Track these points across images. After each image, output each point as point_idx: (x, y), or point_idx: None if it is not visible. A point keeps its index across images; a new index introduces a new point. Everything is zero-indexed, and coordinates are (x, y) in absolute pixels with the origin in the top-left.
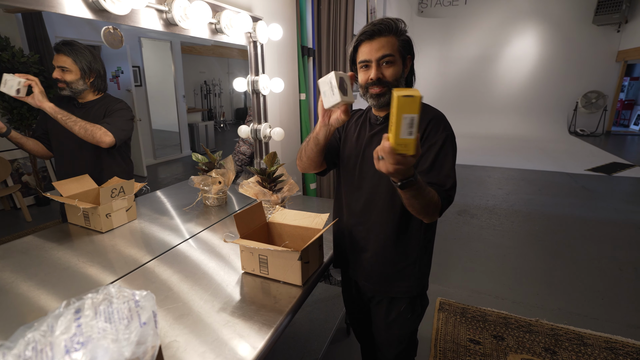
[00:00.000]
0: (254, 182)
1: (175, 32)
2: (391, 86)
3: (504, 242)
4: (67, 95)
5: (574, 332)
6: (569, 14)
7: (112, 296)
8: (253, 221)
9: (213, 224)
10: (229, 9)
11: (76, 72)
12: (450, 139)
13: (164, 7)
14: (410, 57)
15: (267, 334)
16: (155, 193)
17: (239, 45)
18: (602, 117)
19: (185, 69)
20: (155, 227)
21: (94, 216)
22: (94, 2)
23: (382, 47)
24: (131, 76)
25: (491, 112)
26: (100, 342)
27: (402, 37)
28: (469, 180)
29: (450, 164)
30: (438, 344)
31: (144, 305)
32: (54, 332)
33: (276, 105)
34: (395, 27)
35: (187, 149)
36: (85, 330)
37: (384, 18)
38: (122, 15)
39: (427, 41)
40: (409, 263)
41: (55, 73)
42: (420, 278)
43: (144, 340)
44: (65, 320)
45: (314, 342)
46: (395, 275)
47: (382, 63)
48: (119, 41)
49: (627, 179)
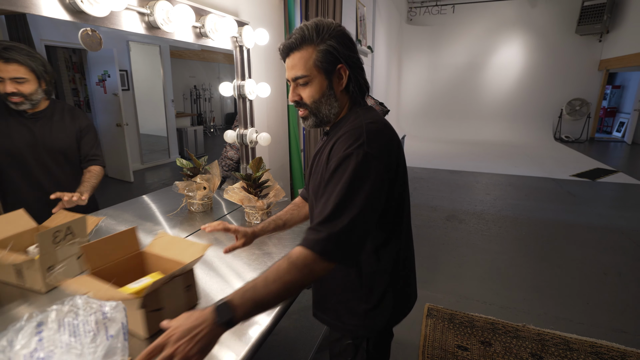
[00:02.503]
0: (239, 187)
1: (158, 35)
2: (310, 108)
3: (492, 247)
4: (18, 108)
5: (560, 337)
6: (553, 24)
7: (78, 308)
8: (117, 251)
9: (197, 230)
10: (213, 13)
11: (33, 80)
12: (353, 159)
13: (146, 9)
14: (343, 66)
15: (250, 342)
16: (141, 198)
17: (225, 50)
18: (586, 124)
19: (175, 73)
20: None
21: (29, 272)
22: (71, 4)
23: (294, 66)
24: (118, 80)
25: (479, 118)
26: (63, 357)
27: (322, 47)
28: (457, 185)
29: (341, 195)
30: (426, 351)
31: (113, 316)
32: (13, 346)
33: (263, 110)
34: (311, 35)
35: (176, 153)
36: (47, 344)
37: (301, 25)
38: (101, 17)
39: (416, 48)
40: (351, 298)
41: (7, 86)
42: (367, 318)
43: (112, 354)
44: (26, 334)
45: (300, 350)
46: (336, 307)
47: (298, 83)
48: (98, 43)
49: (610, 184)
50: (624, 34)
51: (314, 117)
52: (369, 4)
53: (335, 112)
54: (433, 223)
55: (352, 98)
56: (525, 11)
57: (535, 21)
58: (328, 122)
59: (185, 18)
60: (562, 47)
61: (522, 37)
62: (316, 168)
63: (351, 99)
